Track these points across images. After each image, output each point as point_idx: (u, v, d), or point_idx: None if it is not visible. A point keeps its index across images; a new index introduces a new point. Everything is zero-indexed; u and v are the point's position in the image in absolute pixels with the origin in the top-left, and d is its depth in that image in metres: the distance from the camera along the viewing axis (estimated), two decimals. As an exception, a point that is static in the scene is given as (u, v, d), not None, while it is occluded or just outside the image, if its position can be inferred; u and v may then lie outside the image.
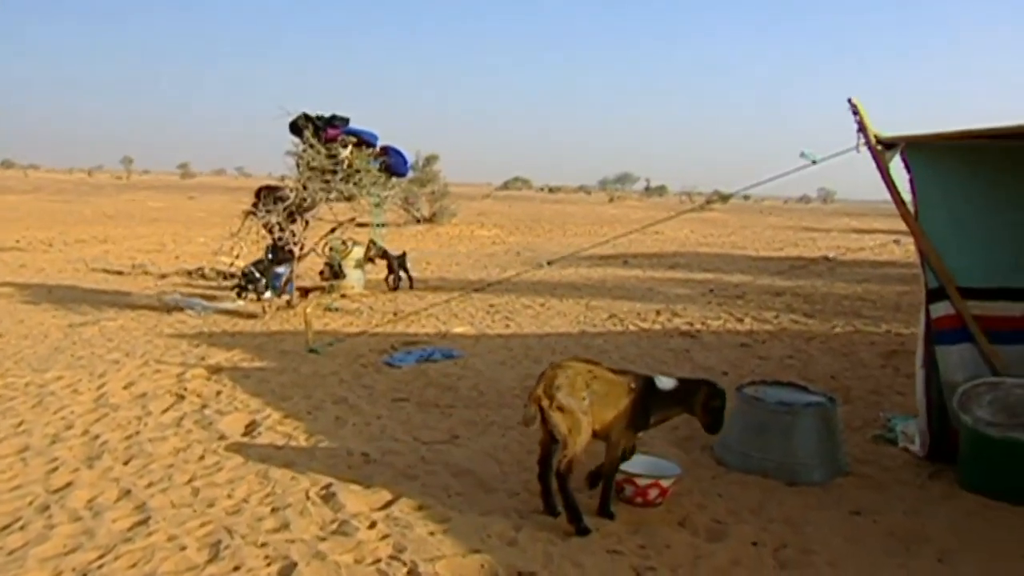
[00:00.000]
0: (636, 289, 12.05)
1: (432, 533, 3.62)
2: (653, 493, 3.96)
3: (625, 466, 4.01)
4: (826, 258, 17.48)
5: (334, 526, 3.68)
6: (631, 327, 8.94)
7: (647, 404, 3.89)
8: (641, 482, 3.95)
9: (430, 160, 27.30)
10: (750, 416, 4.62)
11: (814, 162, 5.11)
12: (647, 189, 73.24)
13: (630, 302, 10.64)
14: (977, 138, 4.93)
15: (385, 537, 3.57)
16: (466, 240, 21.44)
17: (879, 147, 4.83)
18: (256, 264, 10.21)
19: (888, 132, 4.92)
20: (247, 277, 10.12)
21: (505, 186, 77.08)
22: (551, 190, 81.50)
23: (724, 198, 46.38)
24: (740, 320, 9.47)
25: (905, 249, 17.11)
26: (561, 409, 3.74)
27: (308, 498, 3.99)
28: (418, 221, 25.05)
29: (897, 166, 4.89)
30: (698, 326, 9.04)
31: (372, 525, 3.69)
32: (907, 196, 4.96)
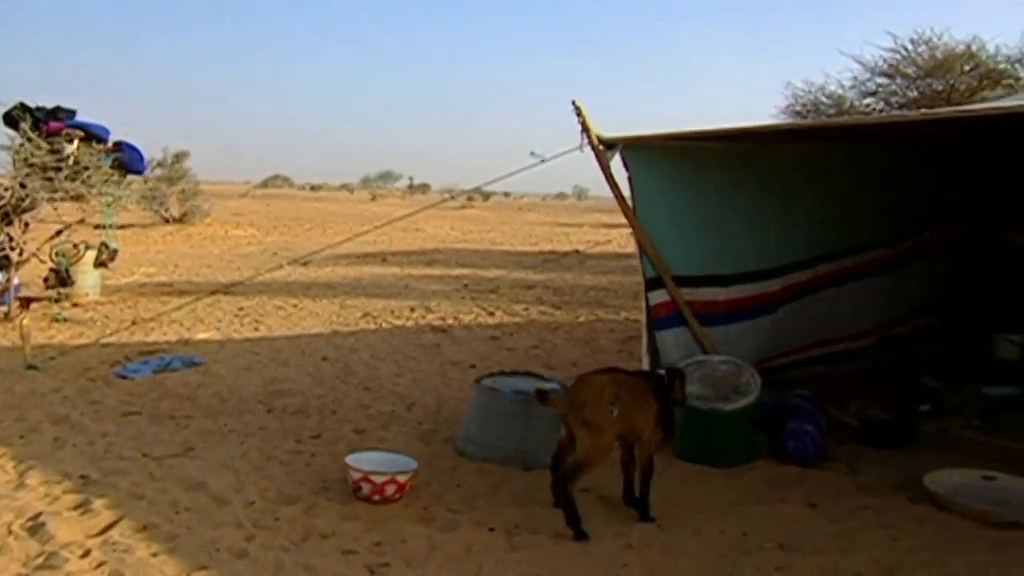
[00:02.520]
0: (392, 286, 12.08)
1: (155, 554, 3.40)
2: (391, 489, 3.98)
3: (361, 463, 4.02)
4: (577, 252, 18.46)
5: (40, 560, 3.35)
6: (384, 325, 8.95)
7: (669, 400, 4.13)
8: (378, 479, 3.96)
9: (179, 157, 25.61)
10: (488, 407, 4.78)
11: (543, 160, 5.37)
12: (410, 187, 73.54)
13: (385, 300, 10.65)
14: (686, 140, 5.41)
15: (100, 565, 3.31)
16: (220, 241, 20.41)
17: (601, 147, 5.15)
18: None
19: (609, 133, 5.26)
20: None
21: (264, 184, 74.21)
22: (313, 188, 79.43)
23: (483, 194, 47.59)
24: (491, 313, 9.77)
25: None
26: (587, 425, 3.77)
27: (10, 533, 3.59)
28: (167, 221, 23.51)
29: (617, 164, 5.25)
30: (450, 321, 9.23)
31: (86, 553, 3.40)
32: (627, 192, 5.35)
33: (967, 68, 14.48)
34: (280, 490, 4.17)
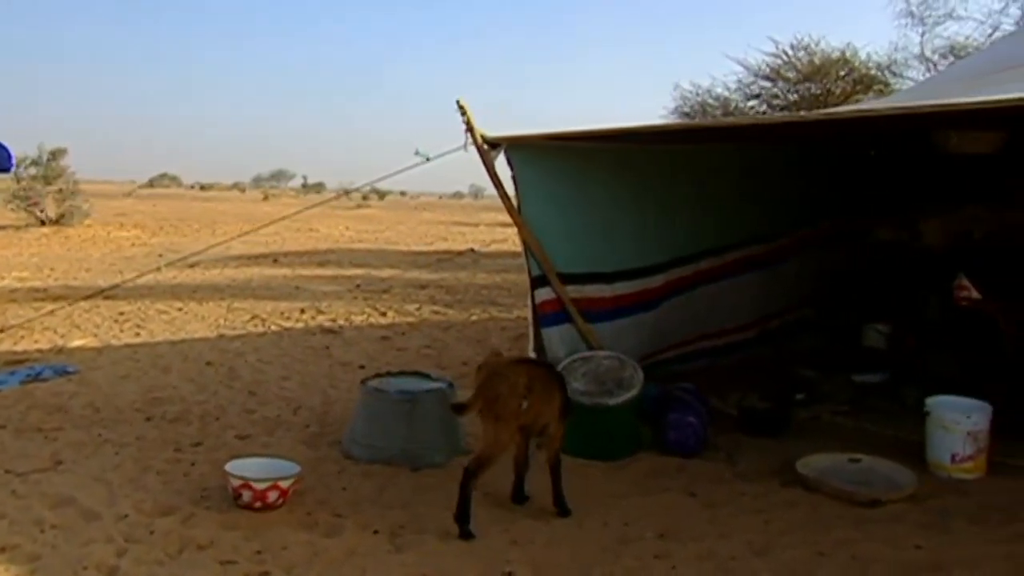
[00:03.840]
0: (283, 288, 11.82)
1: (15, 576, 3.24)
2: (273, 495, 3.89)
3: (242, 470, 3.93)
4: (472, 250, 18.49)
5: None
6: (273, 327, 8.75)
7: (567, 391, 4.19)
8: (259, 486, 3.87)
9: (56, 154, 24.34)
10: (374, 408, 4.74)
11: (427, 159, 5.34)
12: (304, 186, 72.05)
13: (275, 301, 10.40)
14: (569, 139, 5.48)
15: (-48, 591, 3.13)
16: (101, 243, 19.48)
17: (485, 146, 5.16)
18: None
19: (494, 132, 5.28)
20: None
21: (151, 184, 71.56)
22: (203, 188, 76.81)
23: (379, 193, 47.06)
24: (383, 314, 9.69)
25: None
26: (496, 419, 3.75)
27: None
28: (43, 223, 22.32)
29: (502, 163, 5.27)
30: (341, 322, 9.11)
31: (-66, 581, 3.21)
32: (512, 191, 5.38)
33: (842, 73, 15.31)
34: (156, 501, 4.02)
